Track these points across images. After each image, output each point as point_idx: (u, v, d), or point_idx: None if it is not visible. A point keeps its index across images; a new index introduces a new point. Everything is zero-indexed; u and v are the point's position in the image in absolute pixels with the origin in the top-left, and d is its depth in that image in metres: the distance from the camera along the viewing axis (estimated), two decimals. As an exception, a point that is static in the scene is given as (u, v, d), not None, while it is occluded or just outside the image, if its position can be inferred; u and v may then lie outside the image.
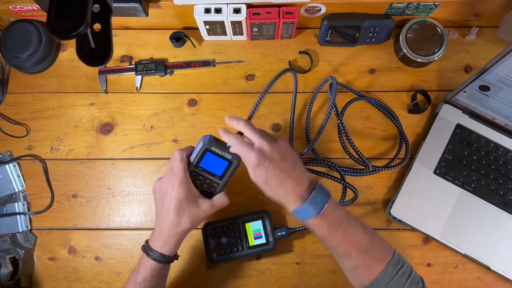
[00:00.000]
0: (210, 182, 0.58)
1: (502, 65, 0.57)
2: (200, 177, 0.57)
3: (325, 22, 0.72)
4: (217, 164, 0.56)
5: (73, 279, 0.69)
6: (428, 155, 0.70)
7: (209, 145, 0.55)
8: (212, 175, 0.57)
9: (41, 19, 0.76)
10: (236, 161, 0.56)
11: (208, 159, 0.56)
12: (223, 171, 0.57)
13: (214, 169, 0.57)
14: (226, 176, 0.57)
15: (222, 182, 0.58)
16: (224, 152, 0.55)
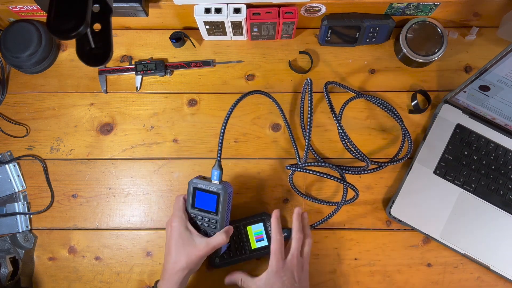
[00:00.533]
0: (209, 220, 0.59)
1: (502, 65, 0.57)
2: (199, 217, 0.59)
3: (325, 22, 0.72)
4: (209, 200, 0.58)
5: (73, 279, 0.69)
6: (428, 155, 0.70)
7: (195, 183, 0.58)
8: (208, 213, 0.58)
9: (41, 19, 0.76)
10: (223, 191, 0.57)
11: (200, 198, 0.58)
12: (215, 206, 0.58)
13: (207, 206, 0.58)
14: (220, 210, 0.58)
15: (218, 218, 0.58)
16: (210, 186, 0.57)
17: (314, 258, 0.68)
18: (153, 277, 0.69)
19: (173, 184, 0.72)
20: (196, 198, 0.58)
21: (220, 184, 0.57)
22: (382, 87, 0.76)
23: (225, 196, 0.57)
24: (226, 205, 0.58)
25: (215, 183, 0.57)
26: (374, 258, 0.68)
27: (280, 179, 0.72)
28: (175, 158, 0.73)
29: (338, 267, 0.68)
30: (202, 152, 0.73)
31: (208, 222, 0.59)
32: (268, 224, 0.67)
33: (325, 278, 0.68)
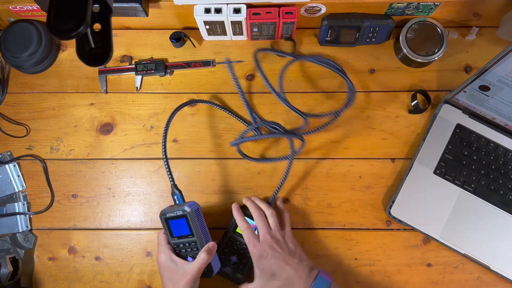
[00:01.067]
0: (189, 244, 0.60)
1: (502, 65, 0.57)
2: (181, 245, 0.60)
3: (325, 22, 0.72)
4: (181, 225, 0.59)
5: (73, 279, 0.69)
6: (428, 155, 0.70)
7: (164, 213, 0.60)
8: (185, 237, 0.60)
9: (41, 19, 0.76)
10: (188, 210, 0.58)
11: (174, 226, 0.59)
12: (187, 227, 0.59)
13: (182, 231, 0.59)
14: (193, 230, 0.59)
15: (196, 238, 0.59)
16: (175, 212, 0.59)
17: (314, 258, 0.68)
18: (153, 277, 0.69)
19: (173, 184, 0.72)
20: (171, 227, 0.60)
21: (183, 205, 0.59)
22: (382, 87, 0.76)
23: (192, 215, 0.58)
24: (197, 223, 0.59)
25: (179, 206, 0.59)
26: (374, 258, 0.68)
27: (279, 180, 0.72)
28: (175, 158, 0.73)
29: (338, 267, 0.68)
30: (202, 152, 0.73)
31: (190, 246, 0.60)
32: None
33: (325, 278, 0.68)
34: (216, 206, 0.71)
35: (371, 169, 0.72)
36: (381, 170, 0.72)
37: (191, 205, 0.59)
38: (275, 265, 0.58)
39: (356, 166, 0.72)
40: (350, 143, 0.73)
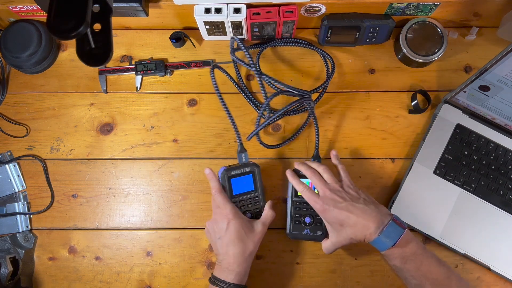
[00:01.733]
0: (251, 200, 0.64)
1: (502, 65, 0.57)
2: (242, 202, 0.63)
3: (325, 22, 0.72)
4: (245, 182, 0.63)
5: (73, 279, 0.69)
6: (428, 155, 0.70)
7: (227, 173, 0.63)
8: (248, 194, 0.64)
9: (41, 19, 0.76)
10: (256, 167, 0.64)
11: (236, 184, 0.63)
12: (253, 183, 0.64)
13: (246, 188, 0.63)
14: (258, 185, 0.64)
15: (259, 193, 0.64)
16: (242, 169, 0.63)
17: (315, 258, 0.69)
18: (153, 277, 0.69)
19: (173, 184, 0.72)
20: (233, 186, 0.63)
21: (251, 163, 0.64)
22: (382, 87, 0.76)
23: (259, 171, 0.64)
24: (261, 179, 0.64)
25: (246, 164, 0.64)
26: (374, 258, 0.68)
27: (280, 179, 0.72)
28: (175, 158, 0.73)
29: (338, 267, 0.68)
30: (202, 152, 0.73)
31: (251, 202, 0.64)
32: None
33: (325, 278, 0.68)
34: (216, 206, 0.71)
35: (371, 169, 0.72)
36: (381, 170, 0.72)
37: (256, 164, 0.64)
38: (340, 214, 0.57)
39: (356, 166, 0.72)
40: (350, 143, 0.73)
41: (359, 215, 0.56)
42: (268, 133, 0.74)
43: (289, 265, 0.69)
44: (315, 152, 0.70)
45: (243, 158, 0.65)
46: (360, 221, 0.56)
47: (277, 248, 0.69)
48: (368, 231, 0.56)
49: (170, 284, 0.68)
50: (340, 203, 0.58)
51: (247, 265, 0.59)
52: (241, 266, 0.58)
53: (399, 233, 0.55)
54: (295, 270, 0.68)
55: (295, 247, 0.69)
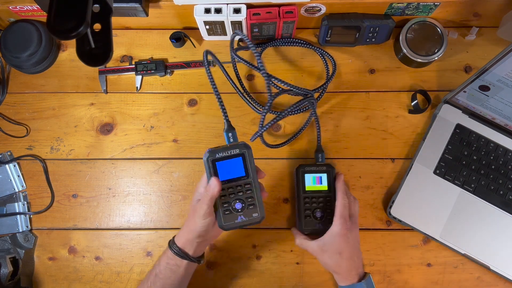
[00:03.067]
0: (242, 187, 0.54)
1: (502, 65, 0.57)
2: (230, 189, 0.53)
3: (325, 22, 0.72)
4: (233, 166, 0.53)
5: (73, 279, 0.69)
6: (428, 155, 0.70)
7: (212, 155, 0.52)
8: (238, 180, 0.53)
9: (41, 19, 0.76)
10: (246, 148, 0.52)
11: (223, 168, 0.53)
12: (243, 168, 0.53)
13: (235, 173, 0.53)
14: (249, 169, 0.53)
15: (252, 179, 0.53)
16: (230, 151, 0.52)
17: (314, 258, 0.68)
18: (153, 277, 0.69)
19: (173, 184, 0.72)
20: (218, 171, 0.52)
21: (241, 143, 0.53)
22: (382, 87, 0.76)
23: (251, 153, 0.53)
24: (253, 163, 0.53)
25: (234, 145, 0.52)
26: (374, 258, 0.68)
27: (280, 179, 0.72)
28: (175, 158, 0.73)
29: (338, 267, 0.68)
30: (202, 152, 0.72)
31: (242, 190, 0.53)
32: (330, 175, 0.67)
33: (325, 278, 0.68)
34: (216, 206, 0.71)
35: (371, 169, 0.72)
36: (381, 170, 0.72)
37: (247, 145, 0.53)
38: (353, 244, 0.59)
39: (356, 166, 0.72)
40: (350, 143, 0.73)
41: (359, 257, 0.60)
42: (269, 133, 0.74)
43: (289, 265, 0.69)
44: (318, 146, 0.71)
45: (231, 138, 0.54)
46: (355, 260, 0.59)
47: (277, 248, 0.69)
48: (356, 271, 0.59)
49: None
50: (355, 241, 0.60)
51: (200, 241, 0.56)
52: (192, 235, 0.55)
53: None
54: (295, 270, 0.68)
55: (295, 247, 0.69)
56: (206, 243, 0.60)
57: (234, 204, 0.54)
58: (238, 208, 0.54)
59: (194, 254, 0.57)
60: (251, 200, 0.54)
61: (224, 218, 0.54)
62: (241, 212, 0.54)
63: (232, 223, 0.54)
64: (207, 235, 0.55)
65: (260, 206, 0.54)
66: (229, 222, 0.54)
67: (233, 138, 0.54)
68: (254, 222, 0.54)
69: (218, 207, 0.53)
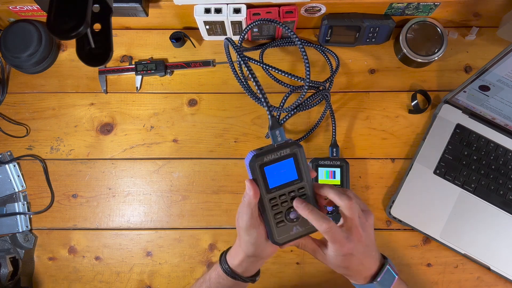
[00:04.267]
0: (296, 192, 0.46)
1: (502, 65, 0.57)
2: (283, 197, 0.46)
3: (325, 21, 0.72)
4: (284, 169, 0.45)
5: (73, 279, 0.69)
6: (428, 155, 0.70)
7: (259, 160, 0.44)
8: (291, 185, 0.46)
9: (41, 19, 0.76)
10: (297, 147, 0.45)
11: (272, 174, 0.45)
12: (295, 170, 0.46)
13: (286, 177, 0.46)
14: (303, 171, 0.46)
15: (305, 182, 0.46)
16: (279, 152, 0.45)
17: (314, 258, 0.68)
18: (153, 277, 0.69)
19: (173, 184, 0.72)
20: (267, 177, 0.45)
21: (290, 141, 0.45)
22: (382, 87, 0.76)
23: (302, 152, 0.45)
24: (306, 163, 0.46)
25: (284, 144, 0.45)
26: (374, 258, 0.68)
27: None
28: (175, 158, 0.73)
29: (338, 267, 0.68)
30: (202, 152, 0.73)
31: (296, 195, 0.46)
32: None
33: (325, 278, 0.68)
34: (216, 206, 0.71)
35: (371, 169, 0.72)
36: (381, 170, 0.72)
37: (297, 142, 0.46)
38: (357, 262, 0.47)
39: (356, 166, 0.72)
40: (350, 143, 0.73)
41: (371, 256, 0.48)
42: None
43: (289, 265, 0.69)
44: (333, 141, 0.71)
45: (278, 137, 0.45)
46: (365, 264, 0.48)
47: (277, 248, 0.69)
48: (369, 272, 0.49)
49: (170, 284, 0.68)
50: (364, 247, 0.47)
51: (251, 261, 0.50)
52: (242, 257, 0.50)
53: (391, 280, 0.49)
54: (295, 270, 0.68)
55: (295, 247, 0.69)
56: (260, 262, 0.51)
57: (288, 214, 0.46)
58: (293, 218, 0.46)
59: (246, 273, 0.51)
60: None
61: (278, 231, 0.46)
62: (296, 222, 0.47)
63: (287, 236, 0.47)
64: (258, 253, 0.48)
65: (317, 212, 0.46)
66: (283, 235, 0.46)
67: (280, 137, 0.45)
68: (310, 232, 0.47)
69: (269, 219, 0.46)
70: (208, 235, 0.70)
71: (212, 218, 0.70)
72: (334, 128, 0.71)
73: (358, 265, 0.47)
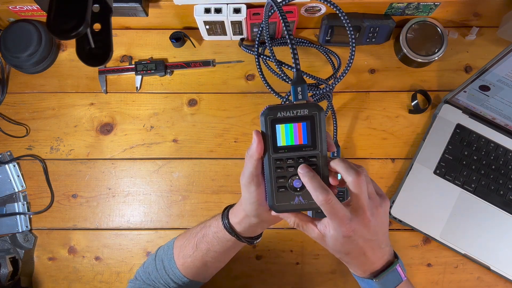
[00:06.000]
0: (305, 160, 0.41)
1: (502, 65, 0.57)
2: (289, 161, 0.41)
3: (325, 21, 0.72)
4: (297, 131, 0.41)
5: (73, 279, 0.69)
6: (428, 155, 0.70)
7: (272, 113, 0.40)
8: (300, 150, 0.41)
9: (41, 19, 0.76)
10: (317, 109, 0.40)
11: (283, 133, 0.41)
12: (309, 134, 0.41)
13: (298, 140, 0.41)
14: (317, 138, 0.41)
15: (319, 151, 0.41)
16: (295, 110, 0.40)
17: (314, 258, 0.68)
18: (153, 277, 0.69)
19: (173, 184, 0.72)
20: (277, 135, 0.41)
21: (311, 102, 0.40)
22: (382, 87, 0.76)
23: (323, 116, 0.40)
24: (325, 131, 0.41)
25: (303, 103, 0.40)
26: (374, 258, 0.68)
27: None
28: (175, 158, 0.73)
29: (338, 267, 0.68)
30: (202, 152, 0.73)
31: (305, 163, 0.41)
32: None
33: (325, 278, 0.68)
34: (216, 206, 0.71)
35: (371, 169, 0.72)
36: (381, 170, 0.72)
37: (318, 105, 0.40)
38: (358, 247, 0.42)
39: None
40: (350, 143, 0.73)
41: (375, 256, 0.44)
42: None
43: (289, 265, 0.69)
44: (334, 140, 0.70)
45: (299, 94, 0.40)
46: (367, 258, 0.44)
47: (277, 248, 0.69)
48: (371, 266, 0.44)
49: (170, 284, 0.68)
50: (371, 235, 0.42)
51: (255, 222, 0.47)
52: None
53: (396, 282, 0.44)
54: (295, 270, 0.68)
55: (295, 247, 0.69)
56: (261, 225, 0.48)
57: (292, 181, 0.42)
58: (296, 186, 0.42)
59: (244, 233, 0.48)
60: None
61: (277, 196, 0.42)
62: (300, 192, 0.42)
63: (286, 205, 0.42)
64: (258, 214, 0.45)
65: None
66: (282, 202, 0.42)
67: (302, 95, 0.40)
68: (313, 208, 0.42)
69: (270, 180, 0.42)
70: (208, 235, 0.70)
71: (212, 218, 0.70)
72: (335, 128, 0.71)
73: (359, 255, 0.43)
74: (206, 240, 0.51)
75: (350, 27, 0.56)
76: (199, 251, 0.52)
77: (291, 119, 0.40)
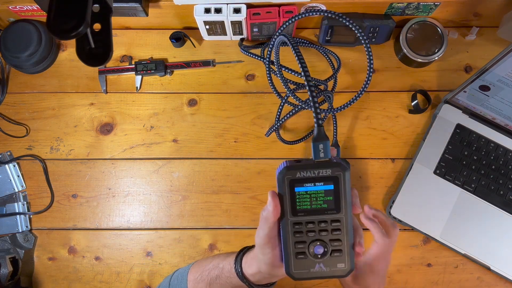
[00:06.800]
0: (327, 224, 0.38)
1: (502, 65, 0.57)
2: (310, 225, 0.38)
3: (325, 21, 0.72)
4: (319, 194, 0.38)
5: (73, 279, 0.69)
6: (428, 155, 0.70)
7: (290, 173, 0.37)
8: (323, 214, 0.38)
9: (41, 19, 0.76)
10: (342, 170, 0.37)
11: (303, 194, 0.38)
12: (333, 198, 0.38)
13: (320, 203, 0.38)
14: (342, 201, 0.38)
15: (344, 215, 0.38)
16: (318, 171, 0.37)
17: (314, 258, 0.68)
18: (153, 277, 0.69)
19: (173, 184, 0.72)
20: (296, 198, 0.38)
21: (336, 160, 0.37)
22: (382, 87, 0.76)
23: (348, 177, 0.37)
24: (350, 192, 0.38)
25: (326, 162, 0.37)
26: (374, 258, 0.68)
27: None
28: (175, 158, 0.73)
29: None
30: (202, 152, 0.73)
31: (327, 228, 0.38)
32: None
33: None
34: (216, 206, 0.71)
35: (371, 169, 0.72)
36: (381, 170, 0.72)
37: (346, 163, 0.37)
38: (377, 280, 0.46)
39: (356, 166, 0.72)
40: (350, 143, 0.73)
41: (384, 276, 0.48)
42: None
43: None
44: (334, 141, 0.70)
45: (321, 152, 0.37)
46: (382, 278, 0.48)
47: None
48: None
49: (170, 284, 0.68)
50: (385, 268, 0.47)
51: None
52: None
53: None
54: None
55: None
56: (274, 278, 0.46)
57: (312, 247, 0.39)
58: (317, 253, 0.39)
59: (258, 283, 0.46)
60: (338, 245, 0.39)
61: (295, 263, 0.39)
62: (321, 259, 0.39)
63: (305, 272, 0.39)
64: (272, 273, 0.43)
65: (350, 254, 0.39)
66: (301, 269, 0.39)
67: (324, 153, 0.37)
68: (335, 276, 0.40)
69: (288, 246, 0.39)
70: (208, 235, 0.70)
71: (212, 218, 0.70)
72: (335, 129, 0.71)
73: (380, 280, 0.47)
74: (219, 283, 0.49)
75: (361, 31, 0.58)
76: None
77: (312, 180, 0.37)
